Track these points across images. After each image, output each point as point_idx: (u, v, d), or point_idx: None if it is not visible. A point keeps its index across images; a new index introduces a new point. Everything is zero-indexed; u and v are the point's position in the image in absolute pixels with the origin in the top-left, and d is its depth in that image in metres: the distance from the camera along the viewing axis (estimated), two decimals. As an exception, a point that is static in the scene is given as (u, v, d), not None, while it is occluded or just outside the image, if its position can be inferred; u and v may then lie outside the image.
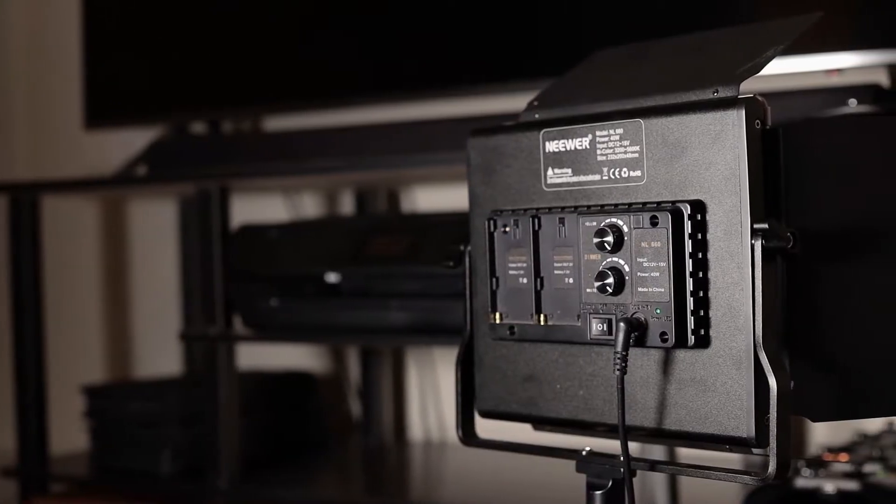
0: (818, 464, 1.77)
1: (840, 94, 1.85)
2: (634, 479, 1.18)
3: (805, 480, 1.71)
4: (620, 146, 1.15)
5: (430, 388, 2.67)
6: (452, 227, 1.85)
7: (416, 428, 2.71)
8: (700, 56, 1.22)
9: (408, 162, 2.13)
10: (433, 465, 2.52)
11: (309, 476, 2.42)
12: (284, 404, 2.57)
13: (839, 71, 1.96)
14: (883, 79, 1.92)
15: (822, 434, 2.27)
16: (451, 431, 1.34)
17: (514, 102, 1.32)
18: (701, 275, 1.08)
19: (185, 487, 2.35)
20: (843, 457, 1.84)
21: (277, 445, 2.53)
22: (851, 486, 1.69)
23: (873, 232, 1.10)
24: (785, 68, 1.92)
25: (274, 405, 2.54)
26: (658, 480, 1.87)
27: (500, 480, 2.20)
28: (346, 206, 2.77)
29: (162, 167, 2.61)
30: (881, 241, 1.10)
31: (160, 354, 2.98)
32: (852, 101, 1.81)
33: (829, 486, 1.70)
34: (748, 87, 1.10)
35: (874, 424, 2.12)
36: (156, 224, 3.00)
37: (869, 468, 1.75)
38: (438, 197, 2.62)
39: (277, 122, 2.73)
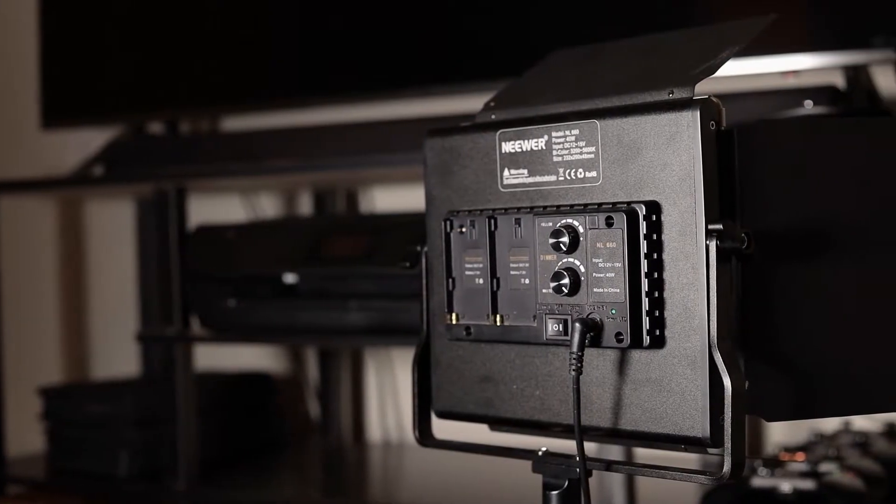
0: (775, 463, 1.78)
1: (796, 95, 1.86)
2: (591, 480, 1.18)
3: (762, 480, 1.72)
4: (576, 147, 1.15)
5: (389, 389, 2.67)
6: (411, 227, 1.85)
7: (375, 429, 2.70)
8: (656, 57, 1.23)
9: (365, 162, 2.13)
10: (392, 466, 2.52)
11: (267, 477, 2.41)
12: (242, 405, 2.56)
13: (795, 73, 1.97)
14: (839, 80, 1.93)
15: (780, 434, 2.28)
16: (410, 432, 1.33)
17: (473, 103, 1.32)
18: (656, 275, 1.08)
19: (143, 489, 2.34)
20: (800, 456, 1.84)
21: (235, 447, 2.52)
22: (808, 485, 1.69)
23: (827, 233, 1.10)
24: (742, 70, 1.93)
25: (232, 406, 2.53)
26: (616, 480, 1.87)
27: (457, 481, 2.20)
28: (305, 206, 2.76)
29: (119, 167, 2.60)
30: (834, 242, 1.10)
31: (117, 355, 2.96)
32: (808, 103, 1.82)
33: (786, 486, 1.70)
34: (704, 88, 1.11)
35: (830, 424, 2.13)
36: (113, 224, 2.98)
37: (825, 467, 1.76)
38: (397, 197, 2.62)
39: (235, 123, 2.73)
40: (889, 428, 2.10)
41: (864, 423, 2.10)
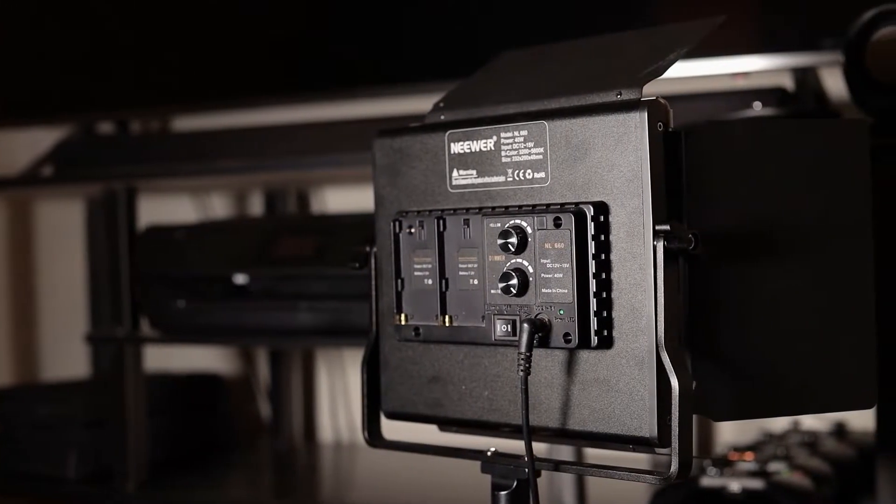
0: (724, 463, 1.79)
1: (746, 97, 1.87)
2: (541, 480, 1.18)
3: (711, 479, 1.73)
4: (525, 148, 1.15)
5: (340, 390, 2.66)
6: (362, 228, 1.85)
7: (326, 429, 2.70)
8: (604, 58, 1.23)
9: (315, 163, 2.12)
10: (343, 467, 2.51)
11: (217, 479, 2.40)
12: (192, 406, 2.55)
13: (745, 74, 1.98)
14: (788, 82, 1.94)
15: (729, 433, 2.29)
16: (361, 433, 1.33)
17: (426, 104, 1.32)
18: (604, 276, 1.09)
19: (92, 492, 2.33)
20: (749, 456, 1.85)
21: (185, 448, 2.51)
22: (756, 484, 1.70)
23: (773, 233, 1.11)
24: (692, 71, 1.94)
25: (182, 407, 2.52)
26: (566, 480, 1.88)
27: (408, 481, 2.20)
28: (256, 206, 2.76)
29: (69, 167, 2.58)
30: (780, 243, 1.11)
31: (67, 356, 2.94)
32: (757, 104, 1.83)
33: (735, 485, 1.71)
34: (653, 89, 1.11)
35: (779, 424, 2.15)
36: (63, 224, 2.96)
37: (774, 467, 1.77)
38: (348, 198, 2.62)
39: (186, 123, 2.71)
40: (837, 428, 2.12)
41: (812, 422, 2.12)
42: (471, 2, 2.17)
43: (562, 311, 1.10)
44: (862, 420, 2.06)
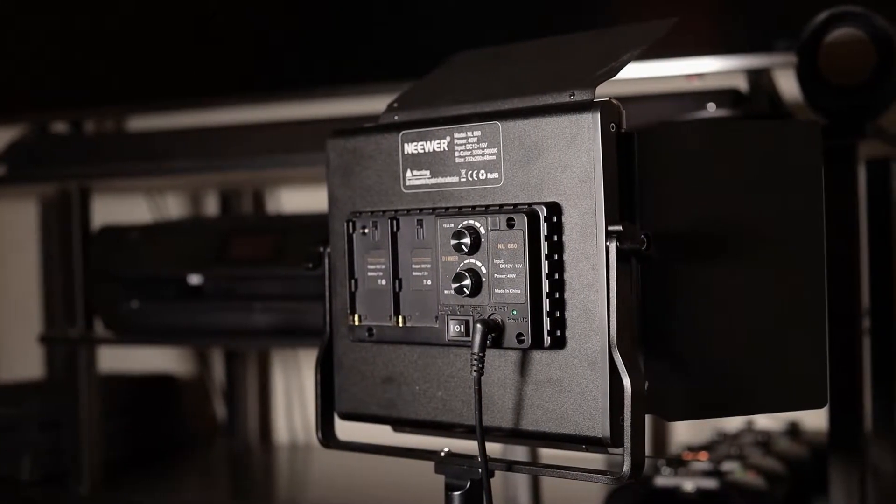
0: (678, 463, 1.79)
1: (700, 98, 1.87)
2: (495, 480, 1.18)
3: (665, 479, 1.73)
4: (478, 148, 1.15)
5: (296, 391, 2.66)
6: (317, 228, 1.84)
7: (282, 430, 2.69)
8: (558, 59, 1.23)
9: (270, 163, 2.12)
10: (298, 468, 2.51)
11: (173, 480, 2.39)
12: (147, 408, 2.54)
13: (700, 76, 1.99)
14: (742, 83, 1.95)
15: (684, 433, 2.30)
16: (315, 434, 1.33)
17: (382, 104, 1.31)
18: (557, 276, 1.09)
19: (47, 493, 2.31)
20: (703, 455, 1.86)
21: (140, 450, 2.50)
22: (710, 484, 1.71)
23: (726, 234, 1.11)
24: (647, 72, 1.94)
25: (137, 409, 2.51)
26: (521, 481, 1.88)
27: (363, 482, 2.19)
28: (211, 207, 2.75)
29: (22, 167, 2.56)
30: (733, 244, 1.11)
31: (21, 357, 2.93)
32: (711, 106, 1.84)
33: (689, 485, 1.72)
34: (607, 90, 1.11)
35: (733, 423, 2.16)
36: (16, 225, 2.94)
37: (727, 466, 1.78)
38: (304, 198, 2.61)
39: (141, 123, 2.70)
40: (791, 427, 2.13)
41: (766, 422, 2.13)
42: (426, 2, 2.17)
43: (515, 312, 1.10)
44: (815, 420, 2.08)
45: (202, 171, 2.25)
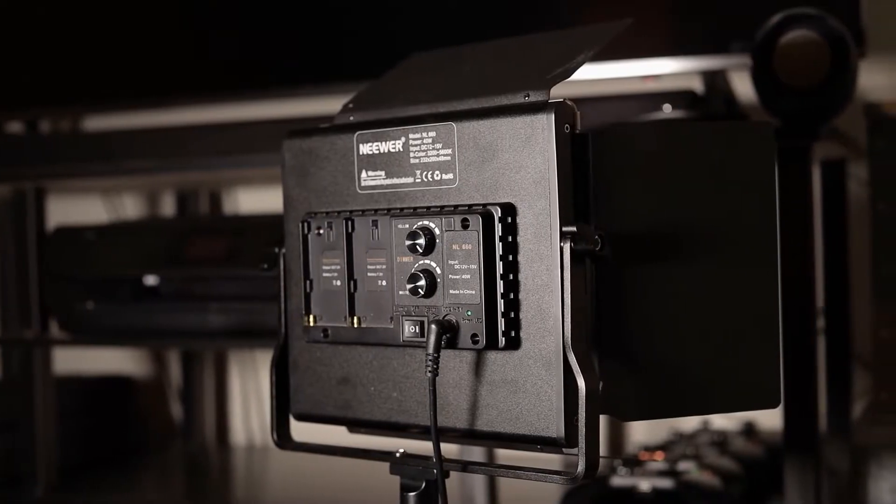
0: (634, 463, 1.80)
1: (656, 99, 1.88)
2: (453, 481, 1.18)
3: (621, 479, 1.74)
4: (433, 149, 1.15)
5: (253, 392, 2.65)
6: (273, 229, 1.84)
7: (239, 431, 2.68)
8: (513, 60, 1.23)
9: (225, 163, 2.11)
10: (255, 469, 2.50)
11: (129, 482, 2.39)
12: (103, 409, 2.53)
13: (656, 77, 2.00)
14: (698, 85, 1.96)
15: (641, 433, 2.31)
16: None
17: (338, 104, 1.31)
18: (511, 277, 1.09)
19: (2, 496, 2.30)
20: (659, 455, 1.87)
21: (97, 451, 2.49)
22: (666, 484, 1.72)
23: (680, 235, 1.11)
24: (604, 74, 1.95)
25: (92, 410, 2.50)
26: (478, 481, 1.88)
27: (319, 483, 2.19)
28: (168, 207, 2.73)
29: (-24, 167, 2.54)
30: (687, 244, 1.12)
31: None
32: (667, 107, 1.84)
33: (645, 485, 1.72)
34: (565, 91, 1.12)
35: (690, 423, 2.17)
36: (-29, 225, 2.92)
37: (683, 466, 1.78)
38: (260, 198, 2.61)
39: (97, 122, 2.69)
40: (747, 427, 2.14)
41: (722, 422, 2.14)
42: (383, 3, 2.17)
43: (469, 313, 1.10)
44: (771, 419, 2.09)
45: (159, 171, 2.24)
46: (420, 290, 1.13)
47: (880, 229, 1.90)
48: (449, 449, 1.17)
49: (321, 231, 1.23)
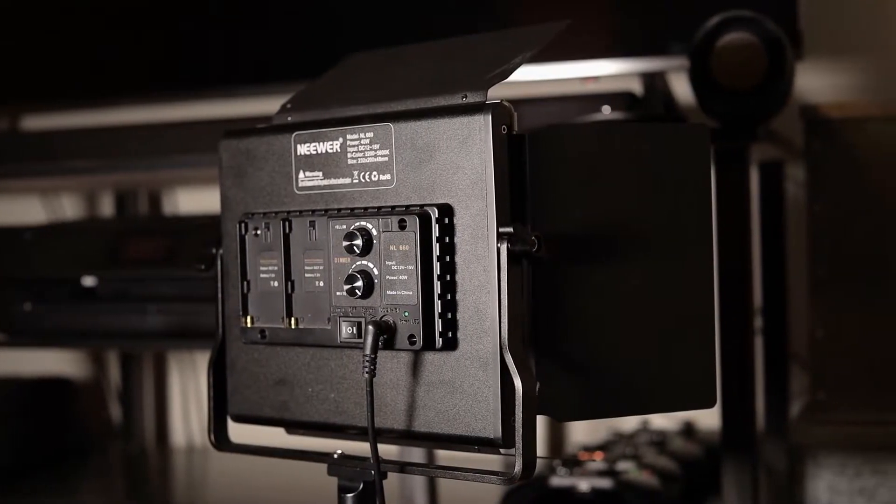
0: (573, 463, 1.80)
1: (595, 101, 1.89)
2: (392, 481, 1.18)
3: (560, 479, 1.74)
4: (371, 150, 1.15)
5: (192, 393, 2.64)
6: (212, 229, 1.84)
7: (179, 433, 2.67)
8: (452, 61, 1.23)
9: (164, 163, 2.10)
10: (195, 471, 2.49)
11: (68, 485, 2.37)
12: (41, 411, 2.51)
13: (595, 78, 2.01)
14: (637, 87, 1.97)
15: (581, 433, 2.31)
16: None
17: (276, 105, 1.31)
18: (448, 278, 1.09)
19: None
20: (598, 455, 1.88)
21: (34, 455, 2.47)
22: (605, 483, 1.72)
23: (617, 236, 1.12)
24: (544, 75, 1.96)
25: (30, 413, 2.48)
26: (418, 482, 1.88)
27: (259, 484, 2.19)
28: (107, 207, 2.72)
29: (-88, 167, 2.52)
30: (624, 246, 1.12)
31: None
32: (606, 108, 1.85)
33: (584, 485, 1.73)
34: (505, 93, 1.12)
35: (629, 423, 2.18)
36: None
37: (622, 466, 1.79)
38: (201, 199, 2.59)
39: (36, 122, 2.66)
40: (685, 427, 2.15)
41: (662, 422, 2.15)
42: (323, 3, 2.16)
43: (407, 313, 1.10)
44: (709, 419, 2.10)
45: (97, 171, 2.23)
46: (357, 290, 1.13)
47: (817, 230, 1.92)
48: (388, 450, 1.17)
49: (258, 232, 1.23)
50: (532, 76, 1.95)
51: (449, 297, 1.09)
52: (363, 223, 1.13)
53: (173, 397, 2.68)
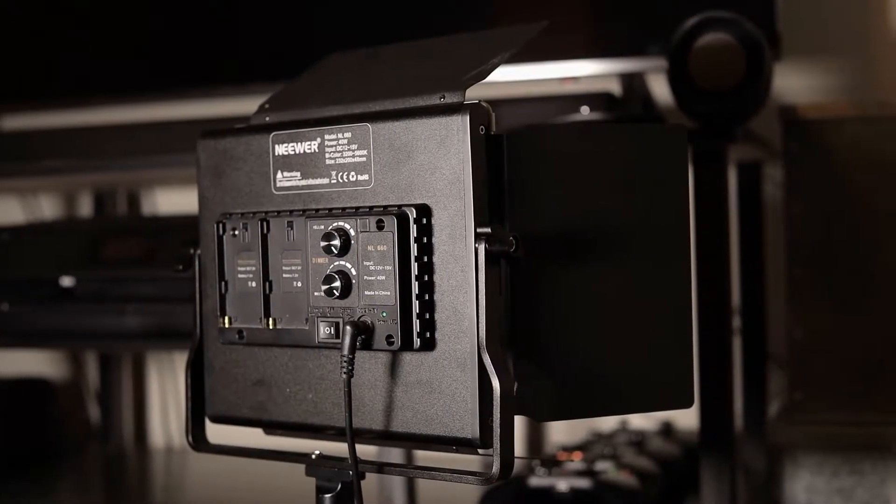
0: (552, 463, 1.80)
1: (574, 101, 1.89)
2: (371, 482, 1.18)
3: (539, 479, 1.74)
4: (349, 150, 1.15)
5: (171, 393, 2.63)
6: (190, 229, 1.83)
7: (157, 434, 2.67)
8: (430, 62, 1.23)
9: (142, 163, 2.10)
10: (174, 472, 2.49)
11: (46, 486, 2.36)
12: (19, 412, 2.50)
13: (574, 79, 2.01)
14: (616, 87, 1.97)
15: (560, 434, 2.32)
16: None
17: (255, 105, 1.31)
18: (426, 278, 1.09)
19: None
20: (577, 455, 1.88)
21: (12, 456, 2.46)
22: (584, 483, 1.72)
23: (595, 236, 1.12)
24: (522, 75, 1.96)
25: (8, 414, 2.47)
26: (396, 482, 1.88)
27: (237, 485, 2.19)
28: (85, 208, 2.71)
29: None
30: (602, 246, 1.12)
31: None
32: (585, 109, 1.85)
33: (563, 485, 1.73)
34: (484, 93, 1.12)
35: (608, 423, 2.18)
36: None
37: (601, 466, 1.79)
38: (179, 199, 2.59)
39: (14, 122, 2.66)
40: (664, 427, 2.16)
41: (640, 421, 2.16)
42: (300, 3, 2.16)
43: (384, 314, 1.10)
44: (687, 419, 2.11)
45: (75, 171, 2.22)
46: (335, 291, 1.13)
47: (795, 231, 1.93)
48: (366, 450, 1.17)
49: (236, 232, 1.22)
50: (510, 77, 1.95)
51: (427, 297, 1.09)
52: (341, 223, 1.13)
53: (152, 398, 2.67)
